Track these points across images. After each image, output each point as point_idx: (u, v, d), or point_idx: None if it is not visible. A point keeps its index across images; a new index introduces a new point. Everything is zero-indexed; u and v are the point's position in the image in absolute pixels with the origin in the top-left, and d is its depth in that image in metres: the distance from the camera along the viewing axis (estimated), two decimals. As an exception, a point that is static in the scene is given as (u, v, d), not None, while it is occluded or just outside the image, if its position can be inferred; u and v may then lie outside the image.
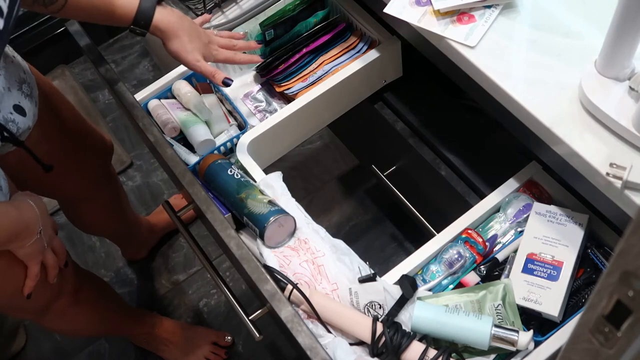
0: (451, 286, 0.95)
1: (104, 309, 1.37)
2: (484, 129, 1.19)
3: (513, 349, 0.85)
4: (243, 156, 1.07)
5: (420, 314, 0.87)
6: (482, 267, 0.95)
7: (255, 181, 1.03)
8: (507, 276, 0.92)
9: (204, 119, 1.14)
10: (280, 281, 0.90)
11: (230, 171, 1.02)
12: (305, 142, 1.26)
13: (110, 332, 1.53)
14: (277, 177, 1.03)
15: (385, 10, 0.95)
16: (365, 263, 0.95)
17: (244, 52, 1.13)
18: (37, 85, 1.04)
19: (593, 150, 0.78)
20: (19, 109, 0.95)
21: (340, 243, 0.97)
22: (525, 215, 0.96)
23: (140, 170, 1.93)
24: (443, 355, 0.85)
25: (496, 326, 0.85)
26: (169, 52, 1.01)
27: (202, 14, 1.31)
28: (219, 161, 1.04)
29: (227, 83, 1.03)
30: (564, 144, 0.80)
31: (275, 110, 1.18)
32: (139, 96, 1.17)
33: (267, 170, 1.06)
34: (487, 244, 0.96)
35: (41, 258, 0.99)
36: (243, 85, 1.23)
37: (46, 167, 1.02)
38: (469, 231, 0.97)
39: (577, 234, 0.91)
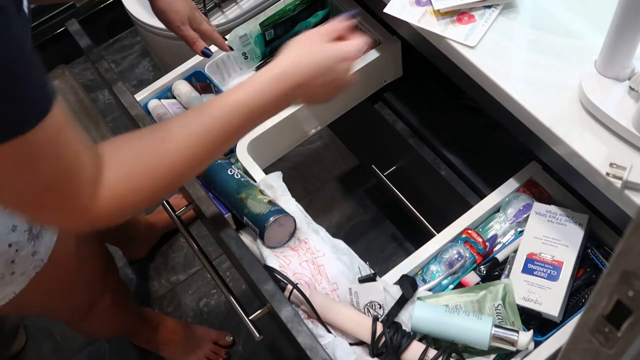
0: (451, 286, 0.95)
1: (131, 309, 1.40)
2: (484, 129, 1.19)
3: (513, 349, 0.85)
4: (243, 156, 1.07)
5: (420, 314, 0.87)
6: (482, 267, 0.95)
7: (255, 181, 1.03)
8: (507, 276, 0.92)
9: (204, 119, 1.14)
10: (280, 281, 0.90)
11: (230, 171, 1.02)
12: (305, 142, 1.26)
13: (125, 332, 1.53)
14: (277, 177, 1.03)
15: (385, 10, 0.95)
16: (365, 263, 0.95)
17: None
18: None
19: (593, 150, 0.78)
20: None
21: (340, 243, 0.97)
22: (525, 215, 0.96)
23: (140, 170, 1.93)
24: (443, 355, 0.85)
25: (496, 326, 0.85)
26: (156, 11, 1.00)
27: (202, 14, 1.31)
28: (219, 161, 1.04)
29: (206, 53, 1.02)
30: (564, 144, 0.80)
31: (275, 110, 1.18)
32: (139, 96, 1.17)
33: (267, 170, 1.06)
34: (487, 244, 0.96)
35: None
36: (243, 85, 1.23)
37: None
38: (469, 231, 0.97)
39: (577, 234, 0.91)
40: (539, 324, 0.89)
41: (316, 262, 0.94)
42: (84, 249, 1.07)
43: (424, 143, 1.25)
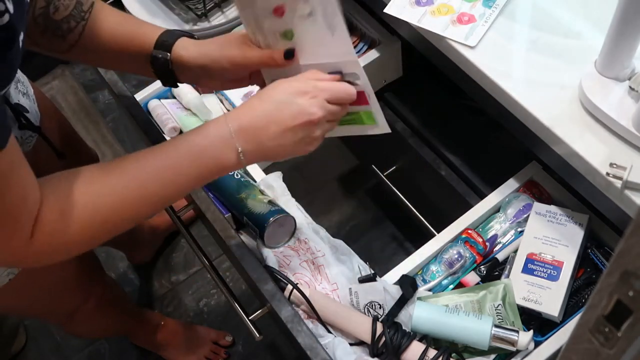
0: (451, 286, 0.95)
1: (122, 310, 1.40)
2: (484, 129, 1.19)
3: (513, 349, 0.85)
4: (243, 156, 1.07)
5: (420, 314, 0.87)
6: (482, 267, 0.95)
7: (255, 181, 1.03)
8: (507, 276, 0.92)
9: (204, 119, 1.14)
10: (280, 281, 0.90)
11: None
12: (305, 142, 1.26)
13: (121, 332, 1.53)
14: (277, 177, 1.03)
15: (386, 10, 0.95)
16: (365, 263, 0.95)
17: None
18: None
19: (593, 150, 0.78)
20: (19, 108, 0.95)
21: (340, 243, 0.97)
22: (525, 215, 0.96)
23: (140, 170, 1.92)
24: (443, 355, 0.85)
25: (496, 326, 0.85)
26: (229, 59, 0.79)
27: (202, 14, 1.31)
28: (219, 161, 1.04)
29: (289, 53, 0.77)
30: (564, 144, 0.80)
31: (275, 110, 1.18)
32: (139, 96, 1.17)
33: (267, 170, 1.06)
34: (487, 244, 0.96)
35: None
36: (243, 85, 1.23)
37: (60, 154, 1.00)
38: (469, 231, 0.97)
39: (577, 234, 0.91)
40: (539, 324, 0.89)
41: (316, 262, 0.94)
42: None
43: (424, 143, 1.25)
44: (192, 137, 0.71)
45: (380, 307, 0.90)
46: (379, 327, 0.86)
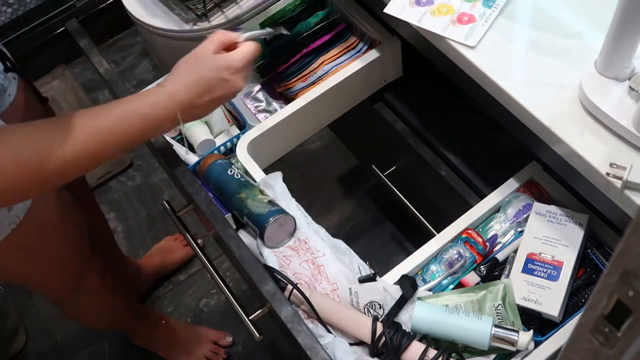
0: (451, 286, 0.95)
1: (123, 298, 1.40)
2: (484, 129, 1.19)
3: (513, 349, 0.85)
4: (243, 156, 1.07)
5: (420, 314, 0.87)
6: (482, 267, 0.95)
7: (255, 181, 1.03)
8: (507, 276, 0.92)
9: (204, 119, 1.14)
10: (280, 281, 0.90)
11: (230, 171, 1.02)
12: (305, 142, 1.26)
13: (120, 326, 1.53)
14: (277, 177, 1.03)
15: (386, 10, 0.95)
16: (365, 263, 0.95)
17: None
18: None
19: (593, 150, 0.78)
20: (2, 52, 0.99)
21: (340, 243, 0.97)
22: (525, 215, 0.97)
23: (140, 170, 1.93)
24: (443, 355, 0.85)
25: (496, 326, 0.85)
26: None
27: (202, 14, 1.31)
28: (219, 161, 1.04)
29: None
30: (564, 144, 0.80)
31: (275, 110, 1.18)
32: (139, 96, 1.17)
33: (267, 170, 1.06)
34: (487, 244, 0.96)
35: None
36: (243, 85, 1.23)
37: (42, 99, 1.06)
38: (469, 231, 0.97)
39: (577, 234, 0.91)
40: (539, 324, 0.89)
41: (316, 262, 0.94)
42: (66, 219, 1.08)
43: (424, 143, 1.25)
44: (142, 109, 0.81)
45: (380, 307, 0.90)
46: (379, 327, 0.86)
